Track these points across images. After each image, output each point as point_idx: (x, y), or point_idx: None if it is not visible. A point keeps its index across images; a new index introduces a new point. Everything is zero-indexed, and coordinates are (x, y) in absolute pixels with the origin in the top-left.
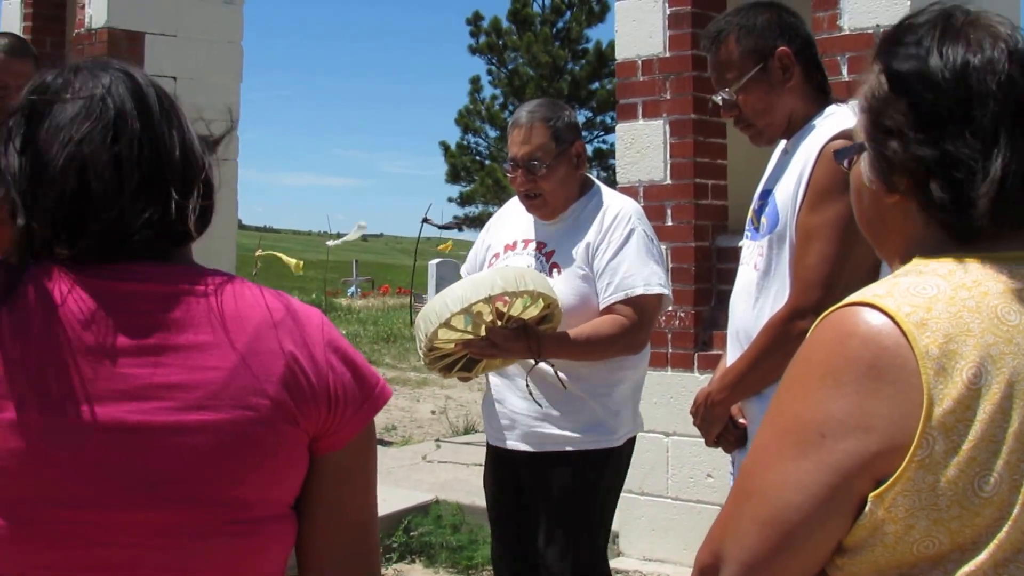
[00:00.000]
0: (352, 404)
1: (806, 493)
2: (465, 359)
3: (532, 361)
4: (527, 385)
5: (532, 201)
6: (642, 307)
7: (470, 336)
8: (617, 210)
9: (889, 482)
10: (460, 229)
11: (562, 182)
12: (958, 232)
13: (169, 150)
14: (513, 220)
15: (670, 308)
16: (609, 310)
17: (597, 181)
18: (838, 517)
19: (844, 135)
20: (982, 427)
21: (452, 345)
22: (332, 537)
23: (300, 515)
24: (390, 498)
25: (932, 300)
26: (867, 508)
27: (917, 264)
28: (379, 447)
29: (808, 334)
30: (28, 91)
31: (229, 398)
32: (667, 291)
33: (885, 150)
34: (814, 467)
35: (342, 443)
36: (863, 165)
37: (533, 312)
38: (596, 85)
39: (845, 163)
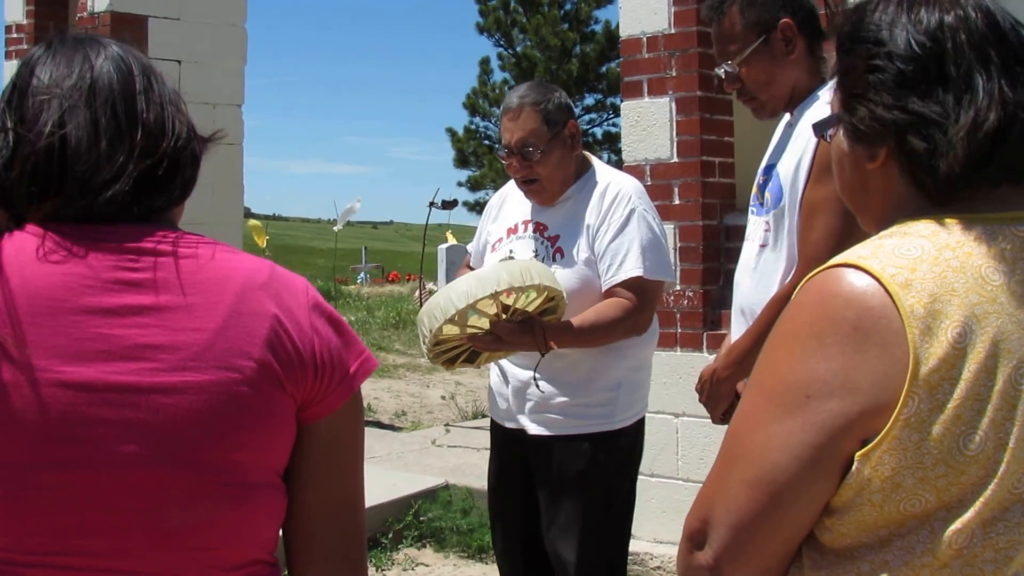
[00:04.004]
0: (339, 369)
1: (792, 454)
2: (469, 351)
3: (539, 354)
4: (535, 378)
5: (530, 187)
6: (643, 288)
7: (474, 330)
8: (617, 190)
9: (875, 441)
10: (455, 204)
11: (558, 165)
12: (937, 191)
13: (143, 113)
14: (513, 203)
15: (678, 287)
16: (611, 293)
17: (594, 159)
18: (825, 477)
19: None
20: (967, 385)
21: (456, 340)
22: (320, 511)
23: (288, 488)
24: (400, 483)
25: (916, 261)
26: (854, 467)
27: (901, 226)
28: (389, 432)
29: (792, 296)
30: (21, 61)
31: (213, 359)
32: (664, 275)
33: (856, 118)
34: (800, 428)
35: (329, 411)
36: (842, 136)
37: (538, 302)
38: (605, 68)
39: (827, 135)
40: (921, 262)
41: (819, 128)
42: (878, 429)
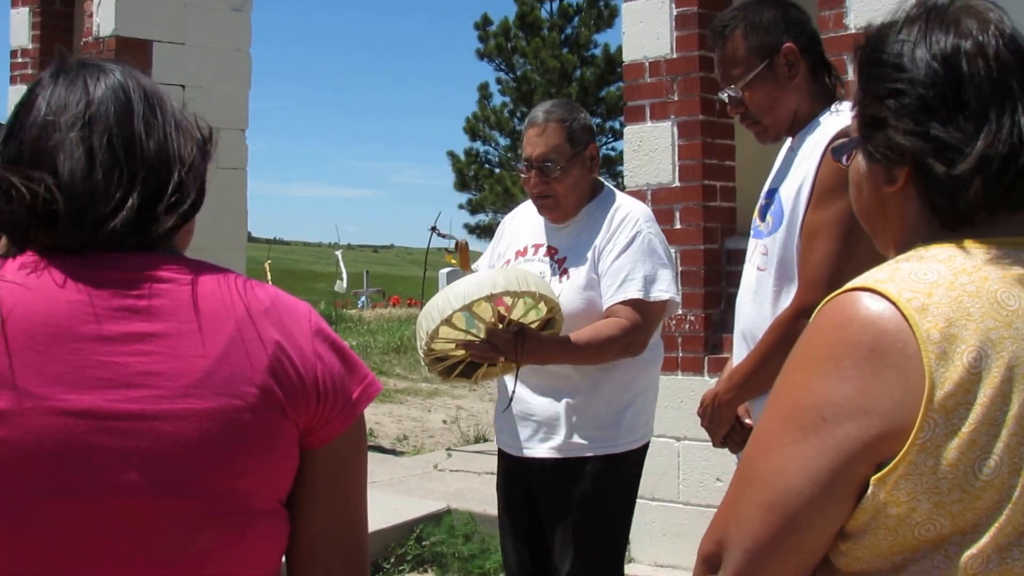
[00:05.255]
0: (341, 395)
1: (807, 477)
2: (465, 365)
3: (515, 366)
4: (511, 390)
5: (544, 202)
6: (642, 309)
7: (471, 337)
8: (625, 213)
9: (891, 465)
10: (435, 232)
11: (575, 184)
12: (954, 216)
13: (143, 143)
14: (524, 225)
15: (679, 312)
16: (611, 312)
17: (608, 184)
18: (840, 501)
19: (846, 132)
20: (982, 410)
21: (452, 346)
22: (323, 537)
23: (291, 514)
24: (402, 507)
25: (933, 285)
26: (869, 491)
27: (917, 250)
28: (391, 457)
29: (810, 320)
30: (27, 89)
31: (215, 386)
32: (669, 295)
33: (875, 143)
34: (816, 451)
35: (332, 436)
36: (861, 159)
37: (535, 317)
38: (605, 92)
39: (844, 159)
40: (937, 287)
41: (837, 153)
42: (893, 453)
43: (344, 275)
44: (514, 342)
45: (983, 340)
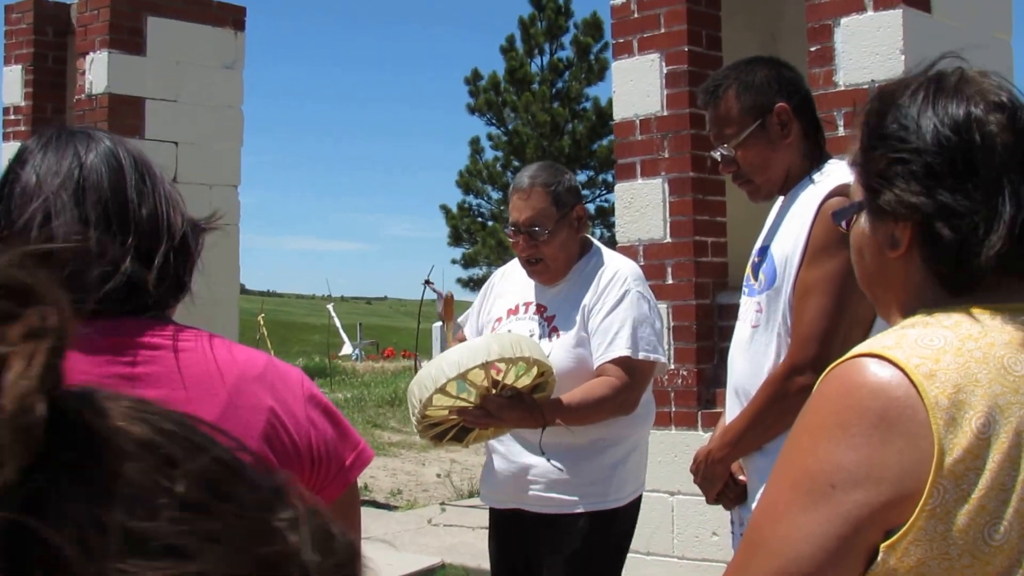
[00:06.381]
0: (335, 462)
1: (816, 544)
2: (457, 428)
3: (540, 429)
4: (545, 456)
5: (534, 267)
6: (632, 368)
7: (464, 403)
8: (614, 272)
9: (901, 531)
10: (429, 285)
11: (563, 247)
12: (959, 281)
13: (135, 210)
14: (514, 283)
15: (672, 367)
16: (601, 371)
17: (596, 242)
18: (849, 568)
19: (841, 191)
20: (991, 476)
21: (445, 412)
22: None
23: None
24: (396, 563)
25: (940, 351)
26: (879, 558)
27: (922, 316)
28: (384, 511)
29: (816, 386)
30: (14, 156)
31: None
32: (656, 355)
33: (881, 203)
34: (824, 518)
35: (326, 503)
36: (863, 223)
37: (527, 380)
38: (596, 145)
39: (844, 224)
40: (944, 353)
41: (838, 217)
42: (903, 520)
43: (347, 340)
44: (510, 406)
45: (991, 406)
